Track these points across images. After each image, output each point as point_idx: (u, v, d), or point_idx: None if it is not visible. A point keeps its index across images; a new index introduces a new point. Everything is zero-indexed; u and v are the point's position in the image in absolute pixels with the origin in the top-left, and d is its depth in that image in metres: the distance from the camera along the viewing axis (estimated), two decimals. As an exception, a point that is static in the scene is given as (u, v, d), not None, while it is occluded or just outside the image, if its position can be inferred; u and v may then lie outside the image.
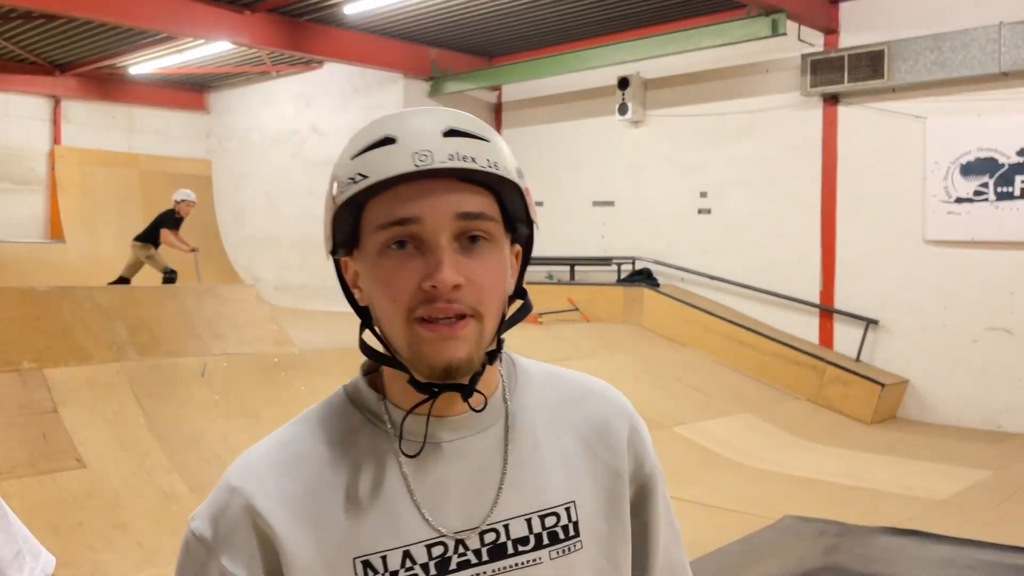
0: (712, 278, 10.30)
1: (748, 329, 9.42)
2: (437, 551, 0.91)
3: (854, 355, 9.16)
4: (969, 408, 8.55)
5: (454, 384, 0.90)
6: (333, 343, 7.50)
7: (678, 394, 8.18)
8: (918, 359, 8.88)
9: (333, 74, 12.98)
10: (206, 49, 11.75)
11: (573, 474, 0.99)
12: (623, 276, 10.92)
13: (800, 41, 9.27)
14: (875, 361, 9.13)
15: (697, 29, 9.69)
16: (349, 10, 10.07)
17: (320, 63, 12.83)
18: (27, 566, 1.05)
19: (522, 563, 0.94)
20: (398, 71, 11.87)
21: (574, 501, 0.97)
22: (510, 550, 0.93)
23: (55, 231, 13.52)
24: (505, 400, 0.99)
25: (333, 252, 0.95)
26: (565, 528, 0.96)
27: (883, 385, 8.48)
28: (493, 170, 0.89)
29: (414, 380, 0.91)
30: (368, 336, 0.97)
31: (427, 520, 0.92)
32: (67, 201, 13.27)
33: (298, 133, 13.67)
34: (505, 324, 0.95)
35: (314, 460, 0.93)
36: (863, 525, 5.16)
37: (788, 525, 5.24)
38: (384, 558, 0.90)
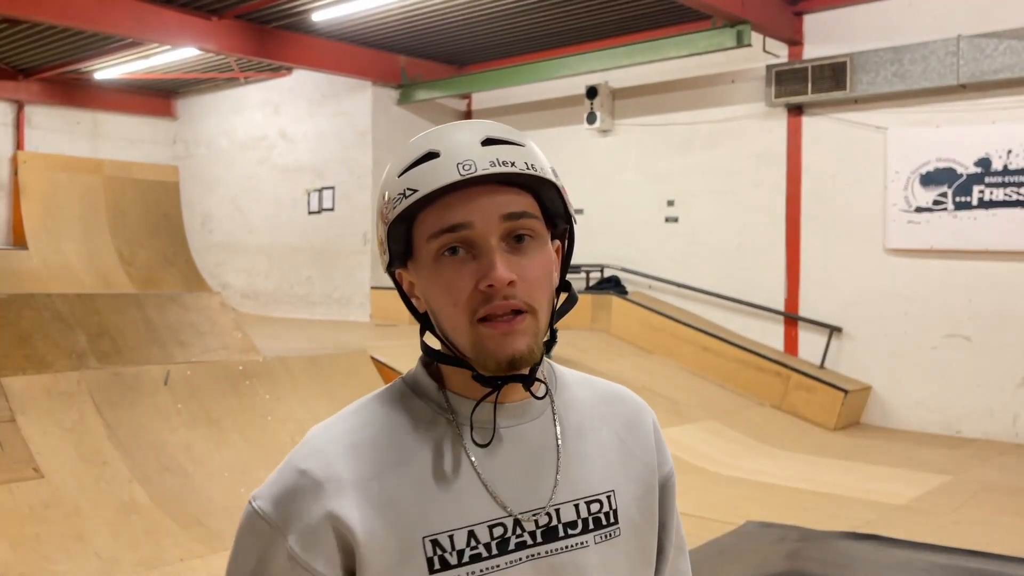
0: (679, 285, 10.39)
1: (714, 336, 9.51)
2: (497, 532, 0.96)
3: (818, 362, 9.28)
4: (929, 414, 8.69)
5: (517, 375, 0.97)
6: (299, 350, 7.46)
7: (645, 400, 8.21)
8: (880, 365, 9.01)
9: (302, 81, 12.93)
10: (173, 55, 11.65)
11: (611, 465, 1.06)
12: (591, 283, 10.98)
13: (765, 52, 9.40)
14: (839, 368, 9.26)
15: (664, 40, 9.78)
16: (317, 17, 10.04)
17: (289, 70, 12.78)
18: None
19: (571, 546, 0.99)
20: (367, 79, 11.86)
21: (613, 490, 1.04)
22: (561, 533, 0.99)
23: (17, 237, 13.29)
24: (549, 392, 1.04)
25: (389, 265, 1.00)
26: (607, 515, 1.03)
27: (846, 392, 8.60)
28: (531, 171, 0.95)
29: (478, 375, 0.96)
30: (428, 338, 1.04)
31: (495, 498, 0.96)
32: (30, 207, 13.07)
33: (266, 139, 13.59)
34: (555, 315, 1.01)
35: (381, 444, 0.97)
36: (824, 530, 5.23)
37: (750, 530, 5.29)
38: (451, 537, 0.94)
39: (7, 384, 5.38)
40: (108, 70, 12.69)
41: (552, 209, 1.00)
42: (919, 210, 8.76)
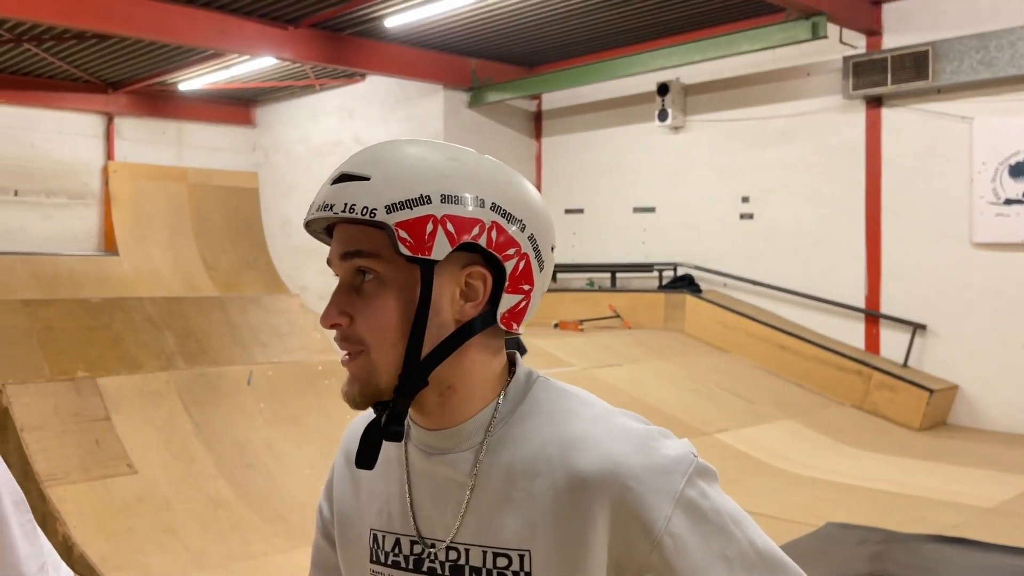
0: (754, 283, 10.22)
1: (791, 334, 9.32)
2: (416, 549, 1.00)
3: (901, 360, 9.00)
4: (1019, 414, 8.35)
5: (379, 410, 0.96)
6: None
7: (721, 400, 8.13)
8: (967, 364, 8.69)
9: (375, 86, 13.17)
10: (252, 64, 12.02)
11: (535, 522, 0.93)
12: (664, 282, 10.89)
13: (842, 43, 9.17)
14: (923, 366, 8.97)
15: (737, 34, 9.63)
16: (390, 23, 10.22)
17: (363, 76, 13.03)
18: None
19: None
20: (438, 82, 12.00)
21: (529, 550, 0.93)
22: (466, 574, 0.96)
23: (109, 244, 13.90)
24: (487, 428, 0.97)
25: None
26: (516, 575, 0.93)
27: (931, 391, 8.33)
28: (347, 215, 0.91)
29: None
30: None
31: (414, 522, 0.99)
32: (120, 215, 13.65)
33: (341, 144, 13.88)
34: (434, 356, 0.93)
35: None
36: (908, 532, 5.08)
37: (830, 532, 5.18)
38: (384, 537, 1.03)
39: (102, 384, 5.65)
40: (192, 81, 13.17)
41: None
42: (1008, 202, 8.42)
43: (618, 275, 11.43)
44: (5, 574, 1.04)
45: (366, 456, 0.96)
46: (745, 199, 10.43)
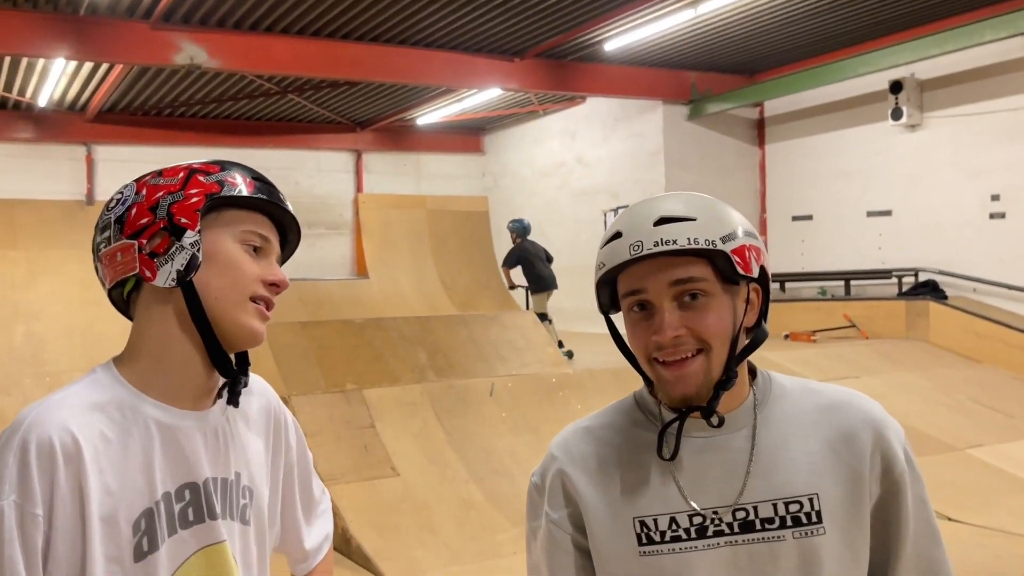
0: (1010, 287, 9.44)
1: (1056, 343, 8.53)
2: (697, 520, 1.19)
3: None
4: None
5: (695, 407, 1.19)
6: (603, 363, 7.90)
7: (973, 414, 7.61)
8: None
9: (595, 107, 13.56)
10: (481, 96, 12.84)
11: (818, 471, 1.19)
12: (905, 289, 10.32)
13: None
14: None
15: (978, 23, 9.01)
16: (609, 47, 10.55)
17: (583, 98, 13.47)
18: (326, 497, 1.48)
19: (767, 538, 1.18)
20: (657, 98, 12.17)
21: (817, 493, 1.18)
22: (757, 527, 1.18)
23: (360, 268, 15.35)
24: (755, 410, 1.23)
25: (601, 310, 1.29)
26: (808, 515, 1.17)
27: None
28: (692, 246, 1.15)
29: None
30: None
31: (686, 499, 1.21)
32: (369, 242, 14.99)
33: (564, 165, 14.40)
34: (741, 354, 1.20)
35: (606, 440, 1.27)
36: None
37: (1105, 558, 4.77)
38: (655, 520, 1.21)
39: (368, 396, 6.35)
40: (428, 116, 14.27)
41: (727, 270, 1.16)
42: None
43: (852, 283, 10.98)
44: (307, 496, 1.40)
45: (675, 449, 1.20)
46: (995, 197, 9.68)
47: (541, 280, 10.21)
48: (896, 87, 10.24)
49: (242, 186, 1.16)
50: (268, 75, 11.50)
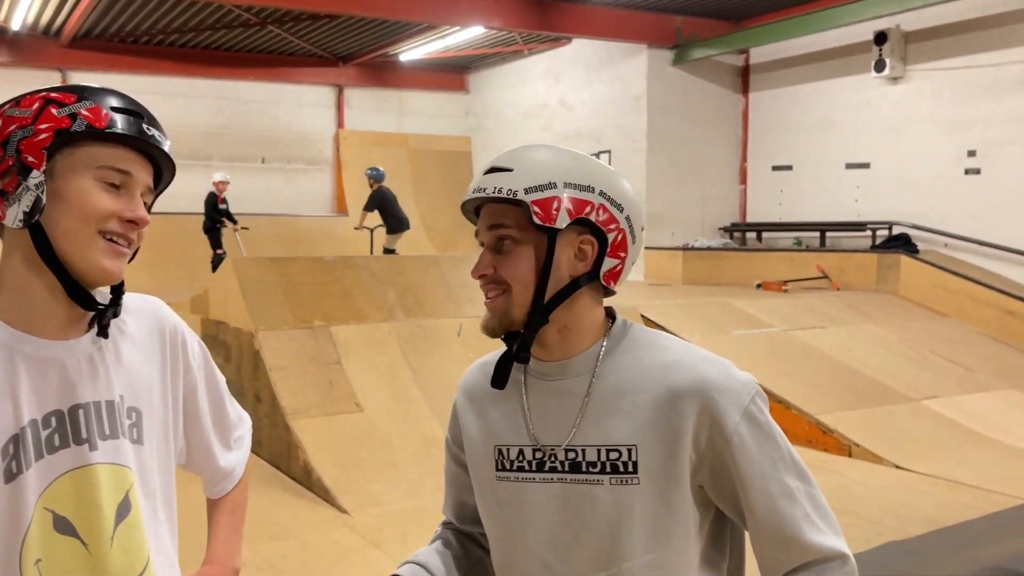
0: (980, 243, 9.54)
1: (1022, 299, 8.65)
2: (538, 455, 1.31)
3: None
4: None
5: (508, 340, 1.29)
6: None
7: (933, 366, 7.76)
8: None
9: (579, 49, 13.40)
10: (465, 34, 12.65)
11: (641, 425, 1.24)
12: (878, 242, 10.40)
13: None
14: None
15: (965, -26, 8.93)
16: (594, -13, 10.38)
17: (569, 39, 13.30)
18: (245, 425, 1.53)
19: (589, 480, 1.26)
20: (642, 42, 12.03)
21: (636, 445, 1.24)
22: (583, 468, 1.27)
23: (340, 206, 15.27)
24: (598, 358, 1.30)
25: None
26: (624, 464, 1.24)
27: None
28: (495, 195, 1.25)
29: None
30: None
31: (531, 433, 1.31)
32: (349, 179, 14.92)
33: (548, 108, 14.28)
34: (551, 300, 1.26)
35: (488, 372, 1.35)
36: None
37: (1041, 507, 4.93)
38: (508, 450, 1.33)
39: (335, 332, 6.41)
40: (411, 52, 14.06)
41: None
42: None
43: (828, 234, 11.05)
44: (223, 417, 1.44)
45: (501, 378, 1.30)
46: (972, 153, 9.71)
47: (400, 221, 11.12)
48: (881, 38, 10.17)
49: (98, 119, 1.12)
50: (247, 5, 11.28)
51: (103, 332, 1.19)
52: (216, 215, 10.95)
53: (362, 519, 4.88)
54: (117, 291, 1.20)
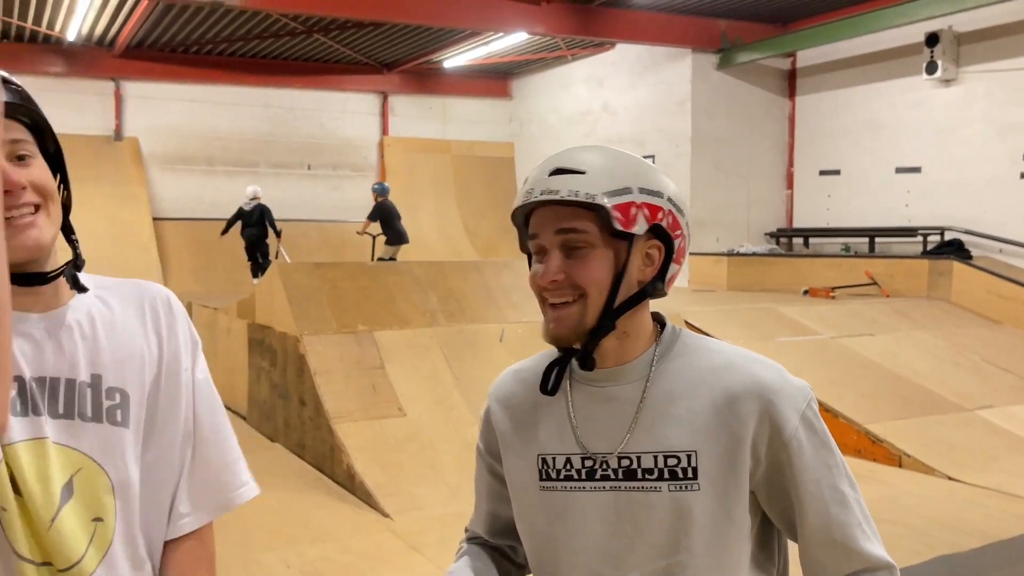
0: (1037, 249, 9.28)
1: (1080, 307, 8.40)
2: (588, 463, 1.27)
3: None
4: None
5: (573, 350, 1.25)
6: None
7: (986, 375, 7.56)
8: None
9: (623, 54, 13.35)
10: (508, 40, 12.69)
11: (699, 430, 1.23)
12: (930, 247, 10.17)
13: None
14: None
15: (1020, -27, 8.71)
16: (638, -9, 10.34)
17: (612, 44, 13.26)
18: (239, 477, 1.34)
19: (646, 487, 1.24)
20: (686, 46, 11.95)
21: (696, 451, 1.22)
22: (639, 475, 1.24)
23: (384, 212, 15.36)
24: (651, 364, 1.28)
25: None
26: (684, 470, 1.22)
27: None
28: (572, 198, 1.20)
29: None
30: None
31: (580, 441, 1.28)
32: (393, 185, 15.03)
33: (591, 113, 14.25)
34: (621, 306, 1.24)
35: (528, 382, 1.34)
36: None
37: (1101, 522, 4.77)
38: (554, 458, 1.30)
39: (378, 337, 6.45)
40: (454, 59, 14.14)
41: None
42: None
43: (877, 240, 10.84)
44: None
45: (553, 385, 1.28)
46: (1027, 156, 9.46)
47: (398, 235, 11.78)
48: (932, 40, 9.96)
49: None
50: (293, 14, 11.45)
51: (78, 286, 1.20)
52: (272, 226, 11.75)
53: (403, 523, 4.91)
54: (74, 277, 1.21)
